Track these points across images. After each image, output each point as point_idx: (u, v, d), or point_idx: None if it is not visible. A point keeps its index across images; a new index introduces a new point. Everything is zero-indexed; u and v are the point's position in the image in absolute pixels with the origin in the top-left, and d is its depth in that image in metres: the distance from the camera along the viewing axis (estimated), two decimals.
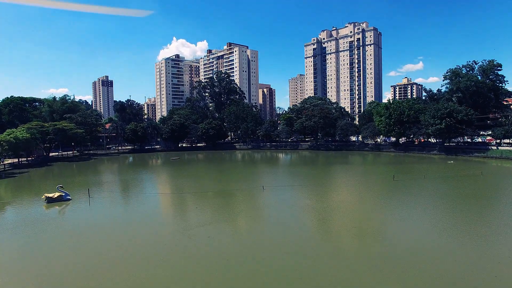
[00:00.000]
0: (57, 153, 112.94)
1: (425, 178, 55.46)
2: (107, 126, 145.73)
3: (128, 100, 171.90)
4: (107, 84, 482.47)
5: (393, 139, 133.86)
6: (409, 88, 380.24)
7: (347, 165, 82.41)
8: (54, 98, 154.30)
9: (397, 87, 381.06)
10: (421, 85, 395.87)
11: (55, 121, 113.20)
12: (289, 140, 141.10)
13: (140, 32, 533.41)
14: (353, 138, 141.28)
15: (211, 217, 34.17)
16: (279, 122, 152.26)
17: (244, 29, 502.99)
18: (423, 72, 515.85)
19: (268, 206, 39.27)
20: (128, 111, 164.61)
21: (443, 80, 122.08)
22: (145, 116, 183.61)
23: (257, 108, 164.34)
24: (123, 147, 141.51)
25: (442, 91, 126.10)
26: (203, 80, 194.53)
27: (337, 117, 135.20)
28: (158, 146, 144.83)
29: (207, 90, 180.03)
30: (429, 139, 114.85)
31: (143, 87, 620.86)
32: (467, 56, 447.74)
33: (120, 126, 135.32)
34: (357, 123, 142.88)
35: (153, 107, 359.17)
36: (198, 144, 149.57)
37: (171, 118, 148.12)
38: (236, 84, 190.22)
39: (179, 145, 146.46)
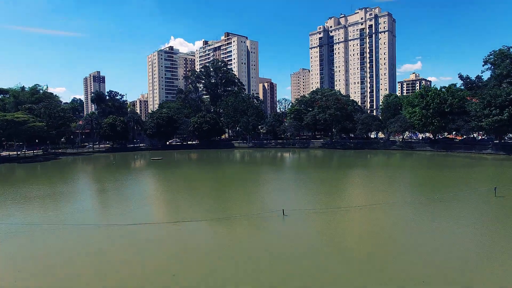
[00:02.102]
0: (14, 152, 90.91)
1: None
2: (81, 122, 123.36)
3: (110, 92, 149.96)
4: (98, 80, 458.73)
5: (421, 135, 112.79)
6: (418, 84, 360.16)
7: (387, 169, 60.71)
8: (23, 87, 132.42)
9: (405, 83, 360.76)
10: (430, 81, 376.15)
11: None
12: (298, 137, 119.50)
13: (138, 32, 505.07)
14: (372, 135, 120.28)
15: None
16: (285, 119, 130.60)
17: (243, 19, 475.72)
18: (422, 72, 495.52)
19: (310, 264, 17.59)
20: (110, 103, 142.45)
21: (483, 65, 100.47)
22: (133, 109, 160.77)
23: (259, 100, 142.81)
24: (101, 145, 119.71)
25: (482, 78, 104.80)
26: (197, 70, 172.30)
27: (352, 111, 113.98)
28: (142, 144, 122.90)
29: (201, 81, 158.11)
30: (471, 135, 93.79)
31: (138, 87, 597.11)
32: (468, 56, 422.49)
33: (96, 120, 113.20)
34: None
35: (146, 104, 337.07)
36: (190, 142, 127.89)
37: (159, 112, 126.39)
38: (234, 74, 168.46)
39: (167, 143, 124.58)
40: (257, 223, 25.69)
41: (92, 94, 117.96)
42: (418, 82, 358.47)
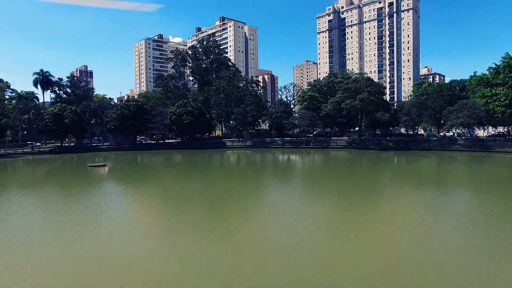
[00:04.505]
0: None
1: None
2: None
3: (73, 77, 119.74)
4: (86, 74, 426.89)
5: (478, 131, 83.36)
6: (431, 79, 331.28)
7: None
8: None
9: None
10: (443, 76, 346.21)
11: None
12: (312, 134, 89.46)
13: (135, 30, 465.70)
14: (402, 130, 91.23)
15: None
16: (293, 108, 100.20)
17: (240, 5, 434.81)
18: None
19: None
20: (70, 91, 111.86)
21: None
22: (106, 100, 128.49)
23: (259, 86, 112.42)
24: (50, 144, 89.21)
25: None
26: (184, 50, 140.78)
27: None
28: (105, 143, 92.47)
29: (188, 64, 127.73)
30: None
31: (129, 86, 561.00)
32: (469, 55, 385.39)
33: (35, 110, 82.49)
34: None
35: None
36: (168, 140, 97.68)
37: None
38: (229, 59, 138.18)
39: (138, 141, 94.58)
40: None
41: (35, 75, 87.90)
42: (431, 76, 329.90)
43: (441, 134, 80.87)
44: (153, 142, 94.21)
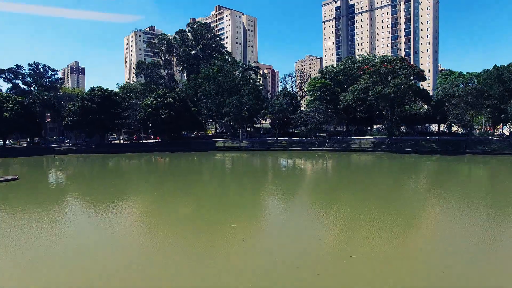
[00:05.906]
0: None
1: None
2: None
3: (37, 64, 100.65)
4: (77, 71, 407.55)
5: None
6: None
7: None
8: None
9: None
10: (450, 70, 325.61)
11: None
12: (325, 134, 70.95)
13: (130, 27, 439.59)
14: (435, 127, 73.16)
15: None
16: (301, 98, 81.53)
17: None
18: None
19: None
20: (31, 80, 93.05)
21: None
22: (77, 92, 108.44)
23: (259, 73, 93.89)
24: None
25: None
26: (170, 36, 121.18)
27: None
28: (65, 143, 73.74)
29: (176, 51, 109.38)
30: None
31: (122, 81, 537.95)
32: (469, 54, 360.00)
33: None
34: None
35: None
36: (150, 140, 79.15)
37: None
38: (223, 46, 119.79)
39: (109, 141, 76.16)
40: None
41: None
42: (440, 73, 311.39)
43: (503, 132, 63.35)
44: (125, 142, 75.54)
